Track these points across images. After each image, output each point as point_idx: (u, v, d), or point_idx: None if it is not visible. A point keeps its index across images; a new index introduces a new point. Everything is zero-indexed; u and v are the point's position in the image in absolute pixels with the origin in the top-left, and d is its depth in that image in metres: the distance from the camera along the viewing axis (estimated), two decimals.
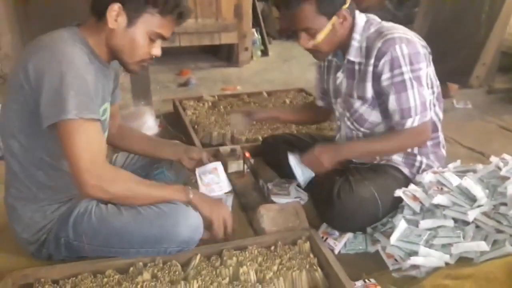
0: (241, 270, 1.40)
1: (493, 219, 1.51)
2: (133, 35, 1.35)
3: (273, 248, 1.55)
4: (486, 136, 2.84)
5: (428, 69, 1.65)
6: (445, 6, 4.32)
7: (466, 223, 1.53)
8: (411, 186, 1.69)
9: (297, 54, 5.93)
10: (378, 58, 1.60)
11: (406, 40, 1.59)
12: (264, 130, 2.74)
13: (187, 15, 1.41)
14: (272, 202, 1.88)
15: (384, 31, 1.62)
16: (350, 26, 1.67)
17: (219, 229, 1.50)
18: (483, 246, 1.42)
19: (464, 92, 3.75)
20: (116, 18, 1.31)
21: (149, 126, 2.81)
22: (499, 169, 1.68)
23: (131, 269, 1.43)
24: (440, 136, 1.84)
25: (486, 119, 3.18)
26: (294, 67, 5.18)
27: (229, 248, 1.53)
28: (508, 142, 2.71)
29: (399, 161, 1.79)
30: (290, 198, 1.95)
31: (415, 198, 1.64)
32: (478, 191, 1.55)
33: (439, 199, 1.57)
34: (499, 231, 1.50)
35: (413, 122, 1.62)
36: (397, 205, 1.70)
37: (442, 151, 1.86)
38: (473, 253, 1.45)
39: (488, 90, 3.95)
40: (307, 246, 1.56)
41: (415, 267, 1.46)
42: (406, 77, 1.58)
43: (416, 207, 1.62)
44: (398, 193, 1.65)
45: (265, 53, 5.69)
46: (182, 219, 1.44)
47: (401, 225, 1.56)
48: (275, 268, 1.43)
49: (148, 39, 1.37)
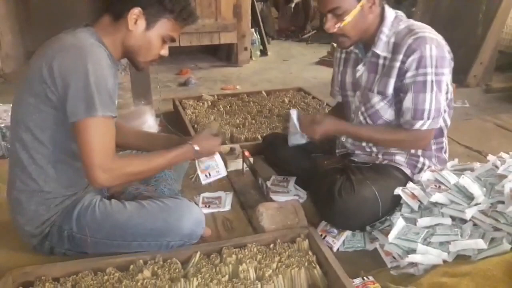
0: (240, 268, 1.41)
1: (490, 217, 1.52)
2: (149, 38, 1.42)
3: (272, 246, 1.55)
4: (483, 134, 2.84)
5: (449, 75, 1.64)
6: (442, 5, 4.35)
7: (464, 221, 1.55)
8: (410, 184, 1.70)
9: (296, 54, 5.96)
10: (407, 55, 1.58)
11: (436, 41, 1.58)
12: (263, 129, 2.75)
13: (196, 21, 1.51)
14: (271, 201, 1.89)
15: (415, 29, 1.60)
16: (379, 16, 1.65)
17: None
18: (481, 244, 1.43)
19: (461, 91, 3.76)
20: (135, 21, 1.38)
21: (149, 125, 2.81)
22: (497, 167, 1.69)
23: (132, 266, 1.44)
24: (444, 141, 1.83)
25: (484, 118, 3.18)
26: (293, 67, 5.20)
27: (228, 246, 1.54)
28: (505, 141, 2.72)
29: (402, 161, 1.78)
30: (289, 196, 1.96)
31: (414, 196, 1.65)
32: (476, 190, 1.56)
33: (437, 197, 1.58)
34: (497, 229, 1.50)
35: (422, 125, 1.61)
36: (397, 204, 1.70)
37: (444, 156, 1.86)
38: (470, 251, 1.46)
39: (485, 89, 3.97)
40: (306, 244, 1.57)
41: (413, 265, 1.47)
42: (428, 78, 1.57)
43: (414, 205, 1.63)
44: (397, 191, 1.66)
45: (264, 53, 5.71)
46: (186, 213, 1.51)
47: (399, 223, 1.57)
48: (274, 265, 1.44)
49: (161, 41, 1.45)
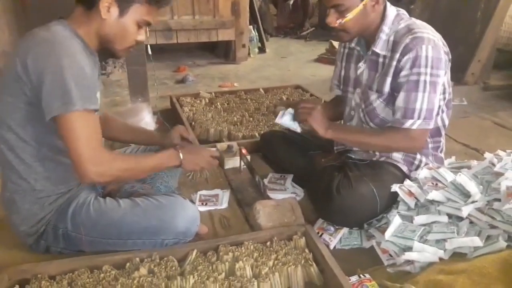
0: (237, 266, 1.41)
1: (487, 215, 1.52)
2: (124, 24, 1.39)
3: (269, 243, 1.56)
4: (481, 132, 2.85)
5: (445, 77, 1.64)
6: (441, 3, 4.35)
7: (460, 219, 1.55)
8: (407, 182, 1.70)
9: (294, 51, 5.95)
10: (403, 54, 1.58)
11: (433, 42, 1.57)
12: (261, 127, 2.75)
13: (171, 2, 1.47)
14: (268, 198, 1.89)
15: (414, 28, 1.60)
16: (381, 15, 1.64)
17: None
18: (477, 241, 1.43)
19: (459, 89, 3.76)
20: (108, 9, 1.35)
21: (146, 122, 2.82)
22: (493, 165, 1.69)
23: (128, 264, 1.44)
24: (441, 141, 1.83)
25: (481, 116, 3.18)
26: (291, 64, 5.19)
27: (225, 243, 1.54)
28: (502, 139, 2.72)
29: (399, 158, 1.78)
30: (286, 194, 1.96)
31: (410, 194, 1.65)
32: (472, 187, 1.57)
33: (434, 195, 1.58)
34: (493, 227, 1.51)
35: (412, 124, 1.59)
36: (394, 201, 1.70)
37: (441, 155, 1.85)
38: (467, 248, 1.46)
39: (483, 87, 3.97)
40: (303, 241, 1.57)
41: (410, 262, 1.48)
42: (422, 78, 1.56)
43: (411, 203, 1.63)
44: (395, 188, 1.66)
45: (262, 50, 5.70)
46: (180, 211, 1.50)
47: (395, 220, 1.57)
48: (271, 263, 1.45)
49: (136, 27, 1.42)
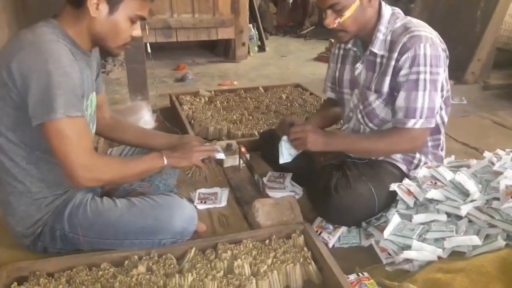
0: (235, 264, 1.41)
1: (485, 214, 1.52)
2: (115, 21, 1.34)
3: (267, 241, 1.55)
4: (480, 131, 2.85)
5: (444, 74, 1.63)
6: (440, 2, 4.34)
7: (459, 218, 1.55)
8: (406, 181, 1.70)
9: (293, 50, 5.95)
10: (401, 53, 1.57)
11: (431, 40, 1.56)
12: (260, 125, 2.75)
13: None
14: (267, 197, 1.89)
15: (411, 27, 1.59)
16: (377, 12, 1.64)
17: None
18: (476, 240, 1.43)
19: (459, 88, 3.76)
20: (97, 7, 1.30)
21: (145, 121, 2.82)
22: (492, 164, 1.69)
23: (126, 262, 1.44)
24: (441, 139, 1.83)
25: (481, 115, 3.19)
26: (291, 63, 5.19)
27: (224, 241, 1.53)
28: (502, 138, 2.72)
29: (398, 157, 1.77)
30: (285, 193, 1.96)
31: (409, 193, 1.65)
32: (471, 186, 1.56)
33: (433, 194, 1.58)
34: (492, 226, 1.51)
35: (415, 124, 1.58)
36: (393, 200, 1.70)
37: (441, 153, 1.85)
38: (465, 247, 1.46)
39: (483, 86, 3.97)
40: (301, 240, 1.57)
41: (408, 261, 1.48)
42: (421, 77, 1.55)
43: (410, 202, 1.63)
44: (393, 187, 1.66)
45: (262, 48, 5.70)
46: (177, 210, 1.50)
47: (394, 219, 1.57)
48: (270, 261, 1.44)
49: (129, 23, 1.37)
